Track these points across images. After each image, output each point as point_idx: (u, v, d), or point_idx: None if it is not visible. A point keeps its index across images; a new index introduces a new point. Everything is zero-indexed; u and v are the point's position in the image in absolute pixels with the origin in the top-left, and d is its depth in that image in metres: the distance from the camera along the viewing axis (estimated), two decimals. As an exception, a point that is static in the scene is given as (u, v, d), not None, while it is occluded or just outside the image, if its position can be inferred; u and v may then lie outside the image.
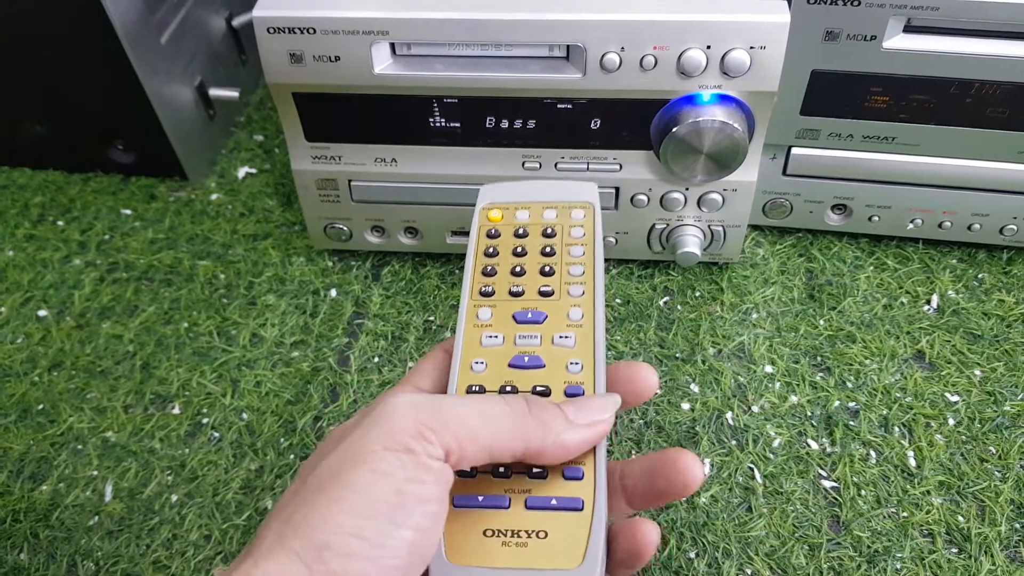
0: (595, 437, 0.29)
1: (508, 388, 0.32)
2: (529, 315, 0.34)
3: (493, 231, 0.38)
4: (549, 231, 0.37)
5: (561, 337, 0.33)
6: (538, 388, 0.32)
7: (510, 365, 0.33)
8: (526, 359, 0.33)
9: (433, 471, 0.26)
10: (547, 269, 0.36)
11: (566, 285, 0.35)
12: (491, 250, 0.37)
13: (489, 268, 0.37)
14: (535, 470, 0.29)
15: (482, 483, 0.29)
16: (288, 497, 0.27)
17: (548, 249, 0.37)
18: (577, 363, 0.32)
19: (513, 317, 0.34)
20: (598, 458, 0.30)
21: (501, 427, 0.28)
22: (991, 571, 0.47)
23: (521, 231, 0.38)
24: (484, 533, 0.28)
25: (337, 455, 0.26)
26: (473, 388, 0.32)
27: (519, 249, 0.37)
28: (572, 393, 0.31)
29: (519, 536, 0.28)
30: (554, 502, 0.29)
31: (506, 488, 0.29)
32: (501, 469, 0.29)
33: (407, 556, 0.25)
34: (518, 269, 0.36)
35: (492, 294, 0.35)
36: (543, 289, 0.35)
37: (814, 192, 0.61)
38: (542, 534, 0.28)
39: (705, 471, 0.30)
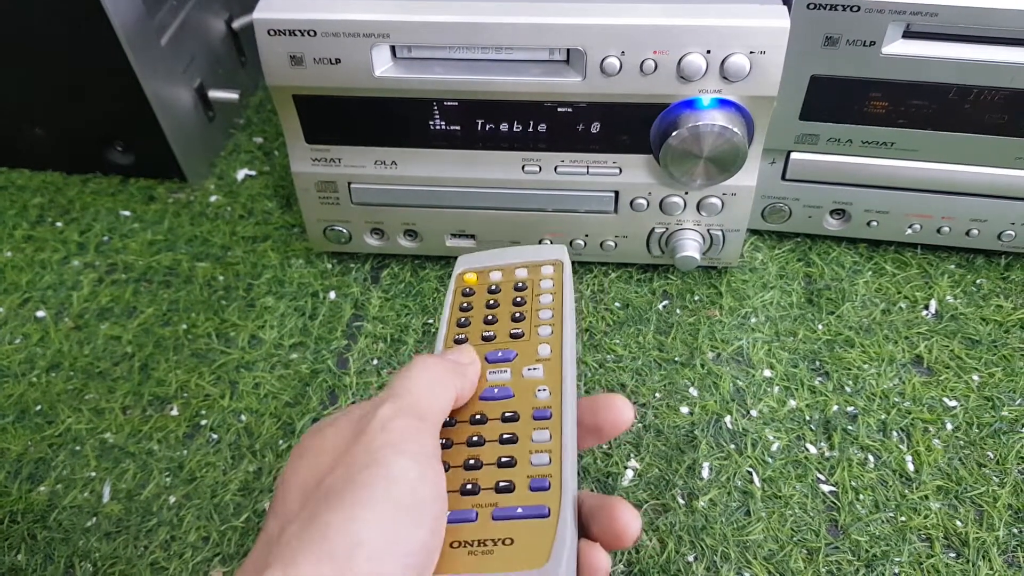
0: (478, 366, 0.35)
1: (478, 417, 0.33)
2: (500, 354, 0.36)
3: (468, 290, 0.40)
4: (520, 285, 0.40)
5: (530, 369, 0.35)
6: (507, 414, 0.33)
7: (481, 398, 0.34)
8: (496, 391, 0.34)
9: (434, 470, 0.28)
10: (517, 316, 0.38)
11: (535, 327, 0.37)
12: (465, 305, 0.39)
13: (463, 320, 0.39)
14: (501, 484, 0.30)
15: (451, 500, 0.30)
16: (293, 506, 0.27)
17: (519, 300, 0.39)
18: (544, 389, 0.34)
19: (485, 358, 0.36)
20: (565, 470, 0.30)
21: (450, 394, 0.32)
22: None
23: (494, 288, 0.40)
24: (451, 545, 0.29)
25: (345, 465, 0.27)
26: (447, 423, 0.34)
27: (491, 302, 0.39)
28: (539, 416, 0.33)
29: (485, 545, 0.29)
30: (520, 511, 0.29)
31: (473, 503, 0.30)
32: (469, 487, 0.31)
33: (423, 555, 0.26)
34: (490, 318, 0.38)
35: (465, 340, 0.37)
36: (513, 332, 0.37)
37: (813, 197, 0.61)
38: (508, 541, 0.29)
39: (639, 528, 0.31)
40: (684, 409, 0.55)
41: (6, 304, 0.64)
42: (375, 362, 0.59)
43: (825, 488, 0.51)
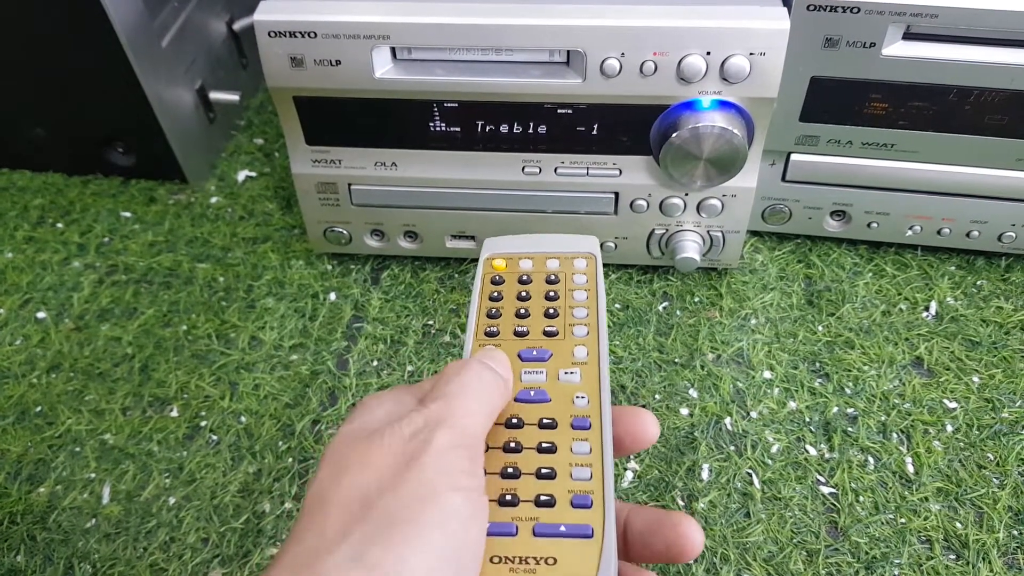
0: (511, 377, 0.33)
1: (515, 421, 0.32)
2: (534, 352, 0.34)
3: (497, 278, 0.39)
4: (552, 278, 0.38)
5: (567, 373, 0.34)
6: (544, 420, 0.32)
7: (516, 400, 0.33)
8: (532, 393, 0.33)
9: (483, 504, 0.27)
10: (551, 311, 0.36)
11: (570, 327, 0.36)
12: (495, 295, 0.38)
13: (494, 311, 0.37)
14: (542, 497, 0.30)
15: (489, 511, 0.29)
16: (335, 525, 0.26)
17: (552, 294, 0.37)
18: (583, 396, 0.33)
19: (519, 355, 0.35)
20: (606, 487, 0.30)
21: (497, 411, 0.31)
22: (989, 578, 0.47)
23: (525, 278, 0.38)
24: (491, 560, 0.28)
25: (396, 494, 0.26)
26: None
27: (523, 294, 0.37)
28: (579, 426, 0.32)
29: (527, 563, 0.28)
30: (563, 529, 0.29)
31: (513, 516, 0.29)
32: (508, 497, 0.30)
33: None
34: (522, 311, 0.37)
35: (497, 334, 0.36)
36: (547, 330, 0.36)
37: (813, 198, 0.61)
38: (551, 561, 0.28)
39: (703, 542, 0.30)
40: (684, 411, 0.55)
41: (7, 305, 0.64)
42: (375, 363, 0.59)
43: (825, 490, 0.51)
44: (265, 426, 0.55)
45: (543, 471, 0.30)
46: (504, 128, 0.55)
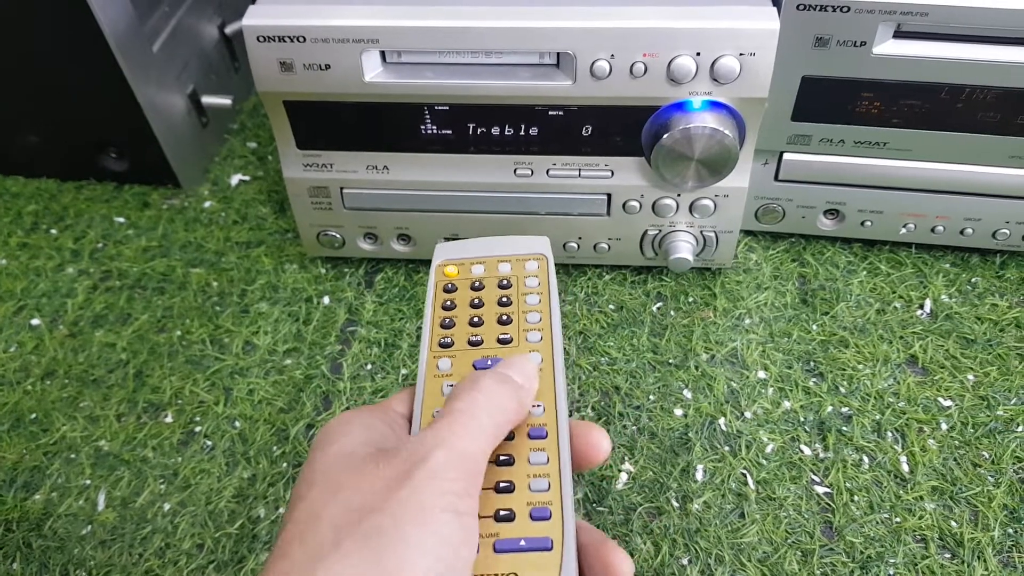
0: (535, 387, 0.32)
1: None
2: (488, 363, 0.34)
3: (450, 285, 0.39)
4: (505, 283, 0.38)
5: None
6: None
7: None
8: None
9: (474, 528, 0.27)
10: (504, 318, 0.36)
11: (524, 332, 0.36)
12: (448, 303, 0.38)
13: (447, 320, 0.37)
14: (501, 512, 0.30)
15: None
16: (326, 540, 0.26)
17: (504, 299, 0.37)
18: (539, 405, 0.32)
19: (473, 365, 0.35)
20: (564, 496, 0.30)
21: (505, 432, 0.30)
22: (984, 576, 0.47)
23: (477, 284, 0.38)
24: None
25: (391, 511, 0.26)
26: None
27: (476, 301, 0.37)
28: (536, 435, 0.32)
29: None
30: (523, 543, 0.29)
31: None
32: None
33: None
34: (476, 320, 0.37)
35: (451, 345, 0.36)
36: (501, 337, 0.36)
37: (806, 197, 0.61)
38: None
39: (631, 572, 0.30)
40: (678, 411, 0.55)
41: (1, 312, 0.64)
42: (369, 367, 0.59)
43: (819, 489, 0.51)
44: (259, 431, 0.55)
45: (501, 485, 0.30)
46: (495, 130, 0.55)
